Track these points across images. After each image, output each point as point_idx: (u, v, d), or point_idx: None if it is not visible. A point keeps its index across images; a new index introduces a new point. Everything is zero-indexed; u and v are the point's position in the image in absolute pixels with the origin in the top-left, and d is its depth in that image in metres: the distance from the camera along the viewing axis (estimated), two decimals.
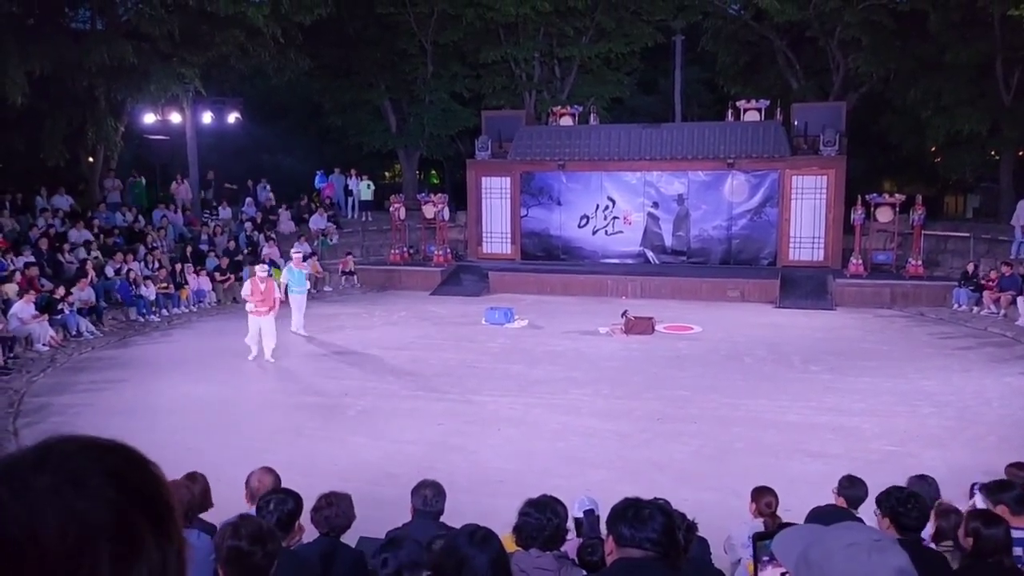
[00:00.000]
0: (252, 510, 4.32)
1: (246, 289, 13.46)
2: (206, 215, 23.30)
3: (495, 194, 22.04)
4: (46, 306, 14.58)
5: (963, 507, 4.98)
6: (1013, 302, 15.68)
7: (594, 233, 21.41)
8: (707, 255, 20.64)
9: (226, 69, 22.98)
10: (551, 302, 18.33)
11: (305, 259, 16.19)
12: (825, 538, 1.48)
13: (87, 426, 9.80)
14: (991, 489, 4.47)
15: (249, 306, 13.23)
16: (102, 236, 18.84)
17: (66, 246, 17.62)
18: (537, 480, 7.58)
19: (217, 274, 18.72)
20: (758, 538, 2.35)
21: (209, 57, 20.62)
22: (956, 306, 17.00)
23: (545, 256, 21.66)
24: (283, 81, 24.57)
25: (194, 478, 4.77)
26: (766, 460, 8.56)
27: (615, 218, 21.21)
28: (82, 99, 19.95)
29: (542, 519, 3.47)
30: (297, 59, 22.34)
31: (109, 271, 17.17)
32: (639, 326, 14.95)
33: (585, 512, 4.80)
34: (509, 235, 21.97)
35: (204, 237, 20.86)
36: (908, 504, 3.91)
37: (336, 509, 4.23)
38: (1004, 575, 3.56)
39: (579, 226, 21.48)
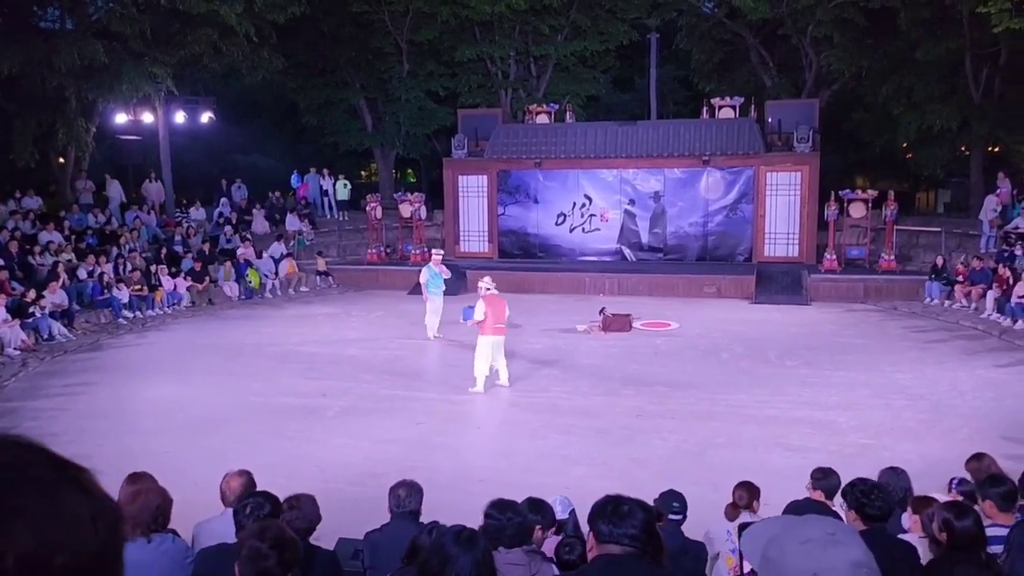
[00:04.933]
0: (228, 513, 4.29)
1: (480, 311, 11.16)
2: (178, 214, 23.08)
3: (472, 193, 22.03)
4: (17, 310, 14.37)
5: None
6: (983, 296, 15.91)
7: (571, 231, 21.47)
8: (683, 252, 20.77)
9: (199, 68, 22.79)
10: (529, 300, 18.33)
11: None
12: (782, 535, 1.48)
13: (61, 430, 9.68)
14: (980, 484, 4.52)
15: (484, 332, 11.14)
16: (74, 238, 18.60)
17: (36, 248, 17.37)
18: (518, 478, 7.60)
19: (189, 278, 18.51)
20: (742, 528, 2.37)
21: (181, 56, 20.42)
22: (928, 300, 17.23)
23: (522, 254, 21.69)
24: (257, 80, 24.41)
25: (138, 478, 4.66)
26: (745, 455, 8.62)
27: (592, 216, 21.29)
28: (52, 99, 19.67)
29: (502, 520, 3.49)
30: (271, 58, 22.18)
31: (82, 273, 16.96)
32: (617, 323, 15.01)
33: (570, 512, 4.83)
34: (486, 233, 21.98)
35: (178, 238, 20.67)
36: (871, 495, 3.96)
37: (297, 512, 4.21)
38: (979, 569, 3.59)
39: (556, 224, 21.53)
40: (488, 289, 11.44)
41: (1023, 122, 21.11)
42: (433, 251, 15.54)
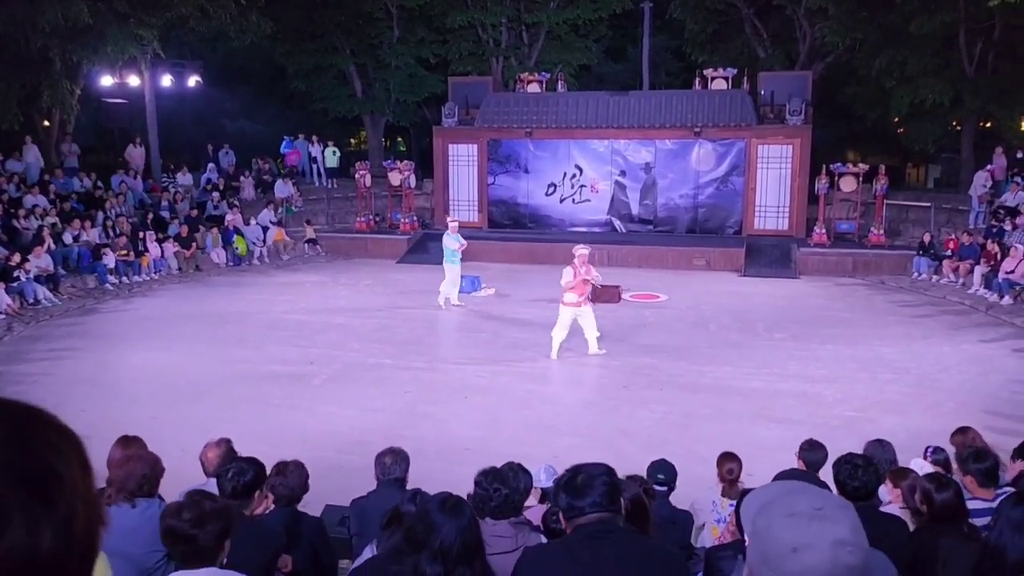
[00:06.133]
0: (211, 482, 4.28)
1: (567, 276, 10.98)
2: (165, 179, 22.84)
3: (462, 161, 21.88)
4: (2, 273, 14.25)
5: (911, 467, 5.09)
6: (971, 271, 15.98)
7: (561, 201, 21.38)
8: (674, 224, 20.73)
9: (186, 31, 22.38)
10: (518, 270, 18.33)
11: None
12: (772, 504, 1.45)
13: (46, 395, 9.63)
14: (964, 460, 4.54)
15: (570, 296, 11.02)
16: (59, 202, 18.39)
17: (21, 212, 17.18)
18: (504, 448, 7.61)
19: (177, 244, 18.35)
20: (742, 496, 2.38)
21: (168, 18, 20.05)
22: (916, 275, 17.30)
23: (512, 224, 21.60)
24: (245, 44, 24.00)
25: (129, 443, 4.65)
26: (731, 426, 8.68)
27: (582, 186, 21.19)
28: (36, 61, 19.31)
29: (489, 490, 3.49)
30: (259, 22, 21.79)
31: (67, 238, 16.80)
32: (605, 294, 14.98)
33: (555, 481, 4.84)
34: (476, 203, 21.87)
35: (165, 204, 20.48)
36: (855, 472, 3.95)
37: (281, 479, 4.20)
38: (962, 540, 3.62)
39: (546, 194, 21.44)
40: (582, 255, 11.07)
41: (1016, 97, 21.07)
42: (449, 219, 15.37)
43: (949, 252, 17.02)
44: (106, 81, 22.51)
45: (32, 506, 0.79)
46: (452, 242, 14.45)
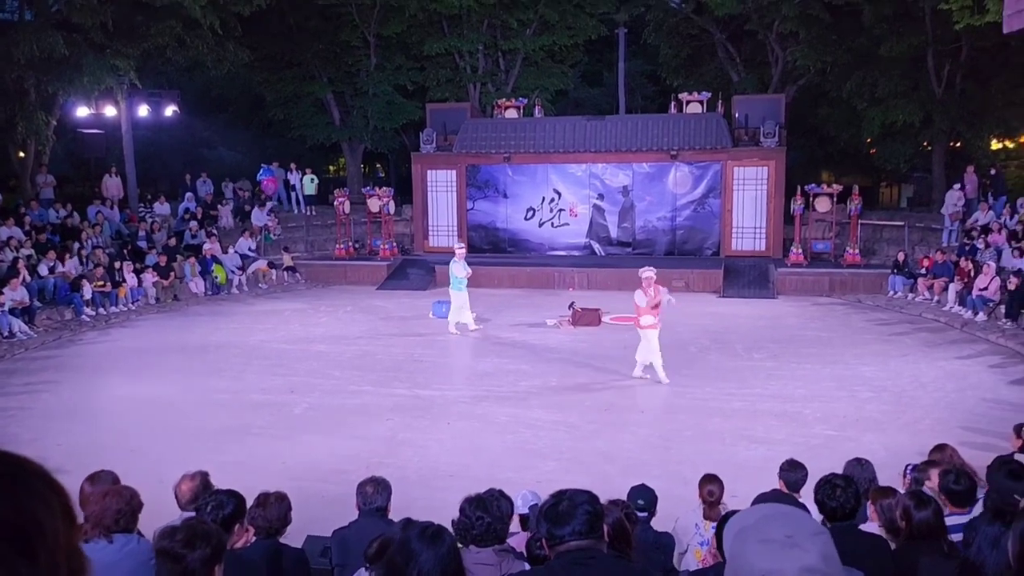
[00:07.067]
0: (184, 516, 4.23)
1: (641, 299, 11.14)
2: (142, 209, 22.72)
3: (441, 187, 21.95)
4: None
5: (899, 488, 5.12)
6: (945, 289, 16.18)
7: (540, 225, 21.49)
8: (652, 246, 20.87)
9: (163, 61, 22.41)
10: (498, 295, 18.35)
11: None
12: (748, 529, 1.48)
13: (22, 430, 9.50)
14: (941, 481, 4.59)
15: (647, 319, 11.11)
16: (34, 233, 18.22)
17: None
18: (487, 473, 7.60)
19: (155, 273, 18.21)
20: (725, 518, 2.39)
21: (145, 49, 20.07)
22: (892, 293, 17.50)
23: (492, 249, 21.65)
24: (222, 73, 24.07)
25: (96, 479, 4.59)
26: (712, 447, 8.70)
27: (561, 210, 21.31)
28: (11, 92, 19.24)
29: (471, 518, 3.48)
30: (237, 51, 21.86)
31: (42, 270, 16.64)
32: (586, 318, 15.05)
33: (531, 507, 4.82)
34: (455, 228, 21.91)
35: (142, 234, 20.35)
36: (830, 494, 4.00)
37: (260, 511, 4.17)
38: (942, 558, 3.65)
39: (525, 219, 21.53)
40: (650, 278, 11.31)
41: (983, 117, 21.53)
42: (456, 246, 15.23)
43: (924, 270, 17.24)
44: (82, 112, 22.44)
45: (12, 560, 0.78)
46: (459, 269, 14.41)
